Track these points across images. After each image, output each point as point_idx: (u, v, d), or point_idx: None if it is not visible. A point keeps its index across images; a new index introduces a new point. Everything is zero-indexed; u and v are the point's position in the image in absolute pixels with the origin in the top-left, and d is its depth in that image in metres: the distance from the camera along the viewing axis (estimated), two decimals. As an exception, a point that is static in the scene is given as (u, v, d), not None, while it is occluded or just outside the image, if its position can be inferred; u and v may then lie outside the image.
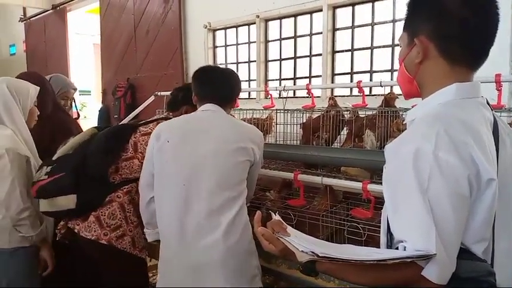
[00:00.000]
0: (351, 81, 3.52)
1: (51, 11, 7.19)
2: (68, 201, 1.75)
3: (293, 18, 3.97)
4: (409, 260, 0.79)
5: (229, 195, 1.57)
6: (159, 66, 5.10)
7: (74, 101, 2.68)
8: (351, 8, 3.55)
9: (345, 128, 2.39)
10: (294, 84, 3.94)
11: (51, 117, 2.24)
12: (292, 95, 3.90)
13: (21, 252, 1.87)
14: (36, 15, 7.58)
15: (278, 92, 3.54)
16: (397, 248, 0.85)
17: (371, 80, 3.41)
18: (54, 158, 1.85)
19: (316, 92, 3.73)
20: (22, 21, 8.02)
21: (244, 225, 1.59)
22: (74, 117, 2.98)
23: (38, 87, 2.02)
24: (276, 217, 1.08)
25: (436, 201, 0.80)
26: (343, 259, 0.85)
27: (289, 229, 1.03)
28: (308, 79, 3.89)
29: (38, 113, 2.02)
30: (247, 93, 4.35)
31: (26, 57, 8.09)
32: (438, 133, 0.83)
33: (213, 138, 1.62)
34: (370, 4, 3.42)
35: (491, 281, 0.83)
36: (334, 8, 3.63)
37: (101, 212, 1.80)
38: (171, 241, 1.60)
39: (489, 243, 0.89)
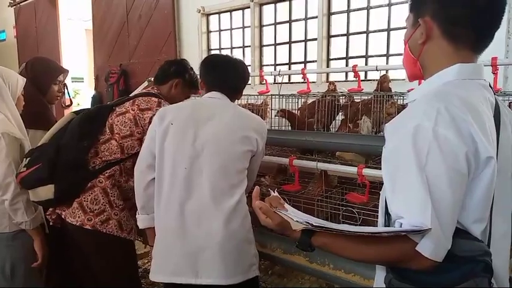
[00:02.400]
0: (346, 66, 3.50)
1: (41, -5, 7.04)
2: (47, 192, 1.74)
3: (288, 2, 3.92)
4: (403, 234, 0.80)
5: (230, 183, 1.57)
6: (152, 51, 5.04)
7: (67, 88, 2.63)
8: (346, -9, 3.50)
9: (340, 113, 2.38)
10: (289, 69, 3.90)
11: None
12: (288, 81, 3.88)
13: (22, 236, 1.88)
14: (27, 0, 7.43)
15: (273, 77, 3.52)
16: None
17: (366, 64, 3.39)
18: (34, 148, 1.83)
19: (312, 77, 3.72)
20: (12, 6, 7.86)
21: (244, 214, 1.60)
22: (66, 104, 2.93)
23: (25, 79, 2.03)
24: (275, 193, 1.09)
25: (433, 177, 0.80)
26: (337, 229, 0.86)
27: (287, 206, 1.04)
28: (303, 64, 3.86)
29: (23, 103, 2.02)
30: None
31: (17, 43, 7.95)
32: (439, 110, 0.83)
33: (218, 125, 1.61)
34: (366, -12, 3.38)
35: (487, 260, 0.83)
36: (329, -9, 3.58)
37: (84, 198, 1.79)
38: (170, 224, 1.59)
39: (487, 224, 0.89)
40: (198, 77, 1.92)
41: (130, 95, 2.00)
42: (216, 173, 1.55)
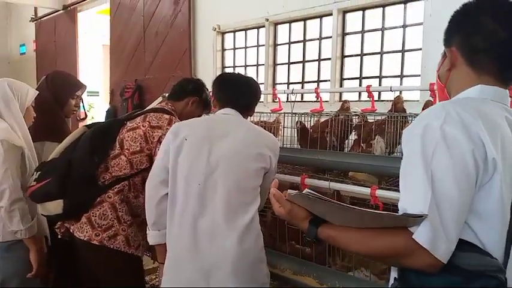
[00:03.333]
0: (360, 86, 3.50)
1: (62, 11, 7.23)
2: (56, 206, 1.75)
3: (303, 22, 3.96)
4: (400, 218, 0.83)
5: (244, 200, 1.56)
6: (167, 68, 5.11)
7: (82, 101, 2.68)
8: (361, 12, 3.52)
9: (353, 133, 2.37)
10: (302, 88, 3.92)
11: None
12: (300, 99, 3.88)
13: (17, 247, 1.88)
14: (47, 15, 7.63)
15: (286, 95, 3.53)
16: None
17: (380, 85, 3.38)
18: (45, 161, 1.85)
19: (325, 97, 3.72)
20: (33, 21, 8.09)
21: (257, 232, 1.59)
22: (81, 117, 2.98)
23: (37, 92, 2.10)
24: (290, 191, 1.12)
25: (439, 173, 0.83)
26: (329, 200, 0.93)
27: None
28: (316, 83, 3.87)
29: (34, 114, 2.09)
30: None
31: (36, 56, 8.15)
32: (448, 112, 0.88)
33: (232, 141, 1.62)
34: (381, 9, 3.39)
35: (500, 277, 0.82)
36: (344, 12, 3.61)
37: (92, 213, 1.79)
38: (183, 241, 1.58)
39: (505, 244, 0.88)
40: (211, 94, 1.95)
41: (144, 110, 2.01)
42: (230, 190, 1.55)
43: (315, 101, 2.92)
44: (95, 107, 7.97)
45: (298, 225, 1.05)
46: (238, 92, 1.75)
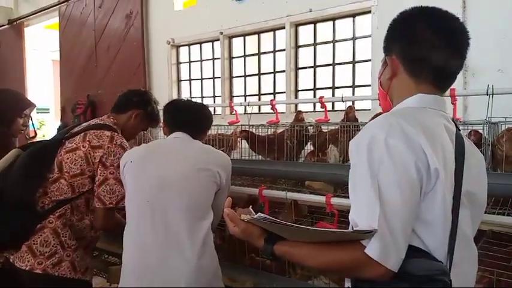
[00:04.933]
0: (314, 97, 3.58)
1: (7, 26, 6.93)
2: None
3: (256, 35, 4.01)
4: (351, 235, 0.84)
5: (195, 216, 1.54)
6: (120, 82, 4.98)
7: (31, 119, 2.56)
8: (312, 25, 3.63)
9: (308, 143, 2.41)
10: (259, 100, 3.95)
11: None
12: (258, 111, 3.91)
13: None
14: (-9, 31, 7.29)
15: (243, 107, 3.55)
16: None
17: (333, 95, 3.48)
18: None
19: (281, 108, 3.77)
20: (-25, 37, 7.68)
21: (212, 249, 1.57)
22: (31, 135, 2.84)
23: None
24: (250, 208, 1.13)
25: (384, 183, 0.86)
26: (279, 222, 0.94)
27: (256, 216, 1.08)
28: (272, 95, 3.92)
29: None
30: (212, 109, 4.31)
31: (-20, 73, 7.72)
32: (391, 123, 0.91)
33: (179, 159, 1.62)
34: (331, 22, 3.51)
35: (445, 280, 0.86)
36: (297, 25, 3.70)
37: (33, 241, 1.68)
38: (133, 257, 1.54)
39: (449, 247, 0.91)
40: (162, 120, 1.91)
41: (82, 125, 1.89)
42: (181, 207, 1.53)
43: (271, 113, 2.95)
44: (46, 124, 7.65)
45: (254, 244, 1.04)
46: (186, 116, 1.76)
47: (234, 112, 2.86)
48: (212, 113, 4.02)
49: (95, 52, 5.38)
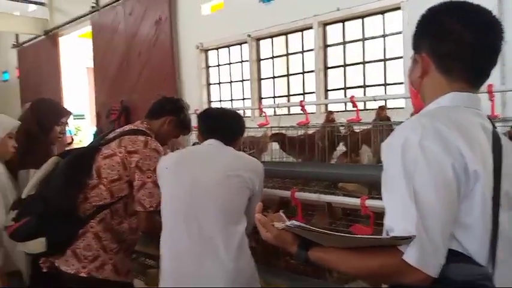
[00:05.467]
0: (345, 96, 3.54)
1: (43, 36, 7.22)
2: (38, 245, 1.69)
3: (284, 36, 4.00)
4: (388, 241, 0.82)
5: (229, 221, 1.56)
6: (152, 87, 5.10)
7: (68, 126, 2.65)
8: (341, 24, 3.58)
9: (340, 144, 2.38)
10: (288, 101, 3.94)
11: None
12: (287, 112, 3.91)
13: None
14: (29, 41, 7.61)
15: (273, 109, 3.56)
16: None
17: (365, 94, 3.42)
18: (22, 196, 1.79)
19: (310, 109, 3.75)
20: (15, 48, 8.05)
21: (248, 253, 1.58)
22: (68, 142, 2.94)
23: (17, 122, 2.10)
24: (281, 213, 1.12)
25: (420, 187, 0.83)
26: (314, 230, 0.91)
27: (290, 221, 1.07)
28: (302, 96, 3.90)
29: (14, 144, 2.07)
30: (242, 112, 4.34)
31: (19, 83, 8.08)
32: (424, 125, 0.88)
33: (211, 165, 1.64)
34: (360, 20, 3.46)
35: (487, 285, 0.83)
36: (325, 25, 3.66)
37: (76, 246, 1.73)
38: (173, 265, 1.57)
39: (490, 250, 0.88)
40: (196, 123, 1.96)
41: (117, 131, 1.95)
42: (216, 213, 1.55)
43: (301, 114, 2.94)
44: (82, 130, 7.90)
45: (287, 249, 1.03)
46: (219, 124, 1.80)
47: (264, 114, 2.86)
48: (243, 115, 4.07)
49: (127, 58, 5.52)
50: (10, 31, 7.75)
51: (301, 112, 2.66)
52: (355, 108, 2.35)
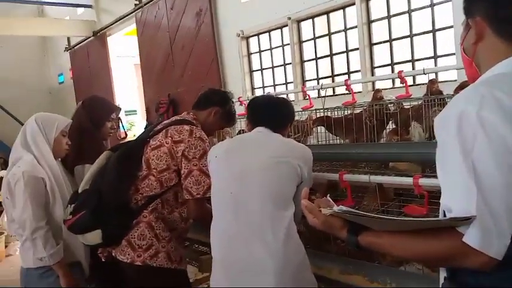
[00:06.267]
0: (392, 72, 3.38)
1: (92, 37, 7.53)
2: (95, 237, 1.79)
3: (326, 15, 3.89)
4: (445, 222, 0.77)
5: (277, 206, 1.55)
6: (197, 79, 5.17)
7: (121, 121, 2.76)
8: (385, -3, 3.41)
9: (390, 122, 2.29)
10: (333, 82, 3.84)
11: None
12: (332, 93, 3.81)
13: (49, 274, 1.99)
14: (80, 43, 7.97)
15: (317, 91, 3.48)
16: None
17: (413, 69, 3.26)
18: (79, 191, 1.89)
19: (357, 88, 3.63)
20: (67, 51, 8.47)
21: (296, 239, 1.56)
22: (122, 136, 3.06)
23: (69, 120, 2.21)
24: (327, 198, 1.10)
25: (480, 163, 0.77)
26: (363, 214, 0.88)
27: (336, 207, 1.03)
28: (347, 75, 3.78)
29: (68, 141, 2.18)
30: (285, 96, 4.30)
31: (73, 84, 8.51)
32: (483, 95, 0.81)
33: (259, 151, 1.65)
34: (405, -9, 3.27)
35: None
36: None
37: (131, 235, 1.81)
38: (223, 251, 1.60)
39: None
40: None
41: (164, 123, 2.00)
42: (264, 199, 1.54)
43: (347, 94, 2.85)
44: (135, 125, 8.20)
45: (337, 235, 1.00)
46: (266, 113, 1.80)
47: (308, 97, 2.81)
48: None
49: (171, 52, 5.62)
50: (62, 35, 8.16)
51: (347, 92, 2.58)
52: (403, 84, 2.25)
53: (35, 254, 1.96)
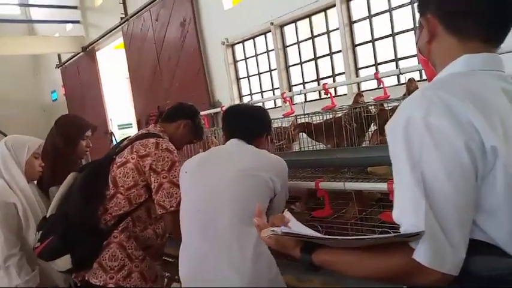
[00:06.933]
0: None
1: (82, 53, 7.52)
2: (65, 263, 1.71)
3: (308, 19, 3.85)
4: (395, 239, 0.72)
5: (245, 222, 1.46)
6: (185, 89, 5.14)
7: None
8: (365, -3, 3.37)
9: (372, 124, 2.23)
10: (318, 85, 3.79)
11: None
12: (318, 97, 3.76)
13: None
14: (70, 60, 7.97)
15: (303, 96, 3.43)
16: None
17: (397, 68, 3.20)
18: (47, 215, 1.82)
19: (342, 90, 3.58)
20: (58, 68, 8.46)
21: (268, 255, 1.48)
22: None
23: (40, 141, 2.15)
24: (285, 213, 1.03)
25: (430, 172, 0.72)
26: (301, 235, 0.84)
27: (293, 222, 0.97)
28: (332, 78, 3.73)
29: (41, 163, 2.12)
30: (273, 102, 4.25)
31: (66, 100, 8.51)
32: (431, 99, 0.75)
33: (231, 166, 1.57)
34: (385, -11, 3.23)
35: None
36: (348, 0, 3.47)
37: (102, 257, 1.74)
38: (192, 270, 1.53)
39: None
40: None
41: (130, 138, 1.94)
42: (233, 215, 1.47)
43: (333, 97, 2.78)
44: (129, 139, 8.18)
45: (290, 254, 0.93)
46: (240, 123, 1.73)
47: (288, 103, 2.76)
48: (274, 106, 3.95)
49: (158, 64, 5.59)
50: (52, 51, 8.16)
51: (333, 95, 2.53)
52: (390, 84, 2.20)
53: (9, 282, 1.89)
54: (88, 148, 2.45)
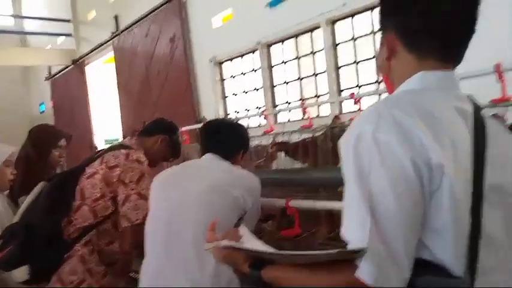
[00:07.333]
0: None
1: (71, 66, 7.51)
2: (22, 274, 1.65)
3: (294, 39, 3.89)
4: (339, 255, 0.68)
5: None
6: (173, 104, 5.13)
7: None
8: (350, 19, 3.42)
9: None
10: (302, 105, 3.80)
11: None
12: (302, 117, 3.77)
13: None
14: (59, 72, 7.95)
15: (286, 116, 3.44)
16: None
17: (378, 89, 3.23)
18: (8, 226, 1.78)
19: (324, 111, 3.60)
20: (47, 80, 8.44)
21: (229, 274, 1.43)
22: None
23: (13, 149, 2.08)
24: (240, 227, 1.00)
25: (376, 188, 0.70)
26: (241, 248, 0.82)
27: (247, 238, 0.94)
28: (316, 98, 3.75)
29: (13, 171, 2.05)
30: (258, 121, 4.26)
31: (53, 113, 8.45)
32: (381, 114, 0.73)
33: (201, 180, 1.53)
34: (369, 12, 3.28)
35: None
36: (333, 22, 3.51)
37: (62, 270, 1.68)
38: (150, 284, 1.48)
39: (470, 257, 0.73)
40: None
41: (102, 150, 1.90)
42: (197, 231, 1.43)
43: (314, 117, 2.79)
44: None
45: (240, 269, 0.89)
46: (215, 138, 1.69)
47: (272, 121, 2.75)
48: (258, 125, 3.95)
49: (147, 79, 5.60)
50: (43, 63, 8.14)
51: (315, 116, 2.54)
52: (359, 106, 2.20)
53: None
54: (61, 158, 2.41)
